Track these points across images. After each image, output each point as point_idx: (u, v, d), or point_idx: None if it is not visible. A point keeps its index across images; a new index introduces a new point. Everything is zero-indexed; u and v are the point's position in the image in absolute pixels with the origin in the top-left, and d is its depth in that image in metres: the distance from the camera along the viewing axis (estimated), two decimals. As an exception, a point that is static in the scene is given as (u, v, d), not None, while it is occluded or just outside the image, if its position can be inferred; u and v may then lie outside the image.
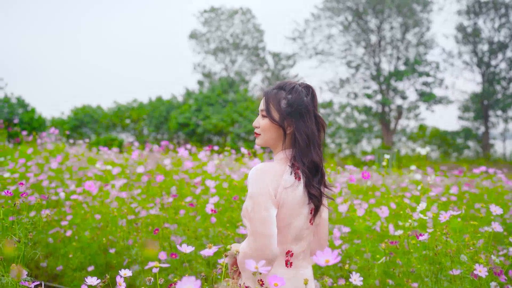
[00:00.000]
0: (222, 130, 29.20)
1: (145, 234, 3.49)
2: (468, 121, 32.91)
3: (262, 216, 1.65)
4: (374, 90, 32.86)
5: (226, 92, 31.61)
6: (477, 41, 31.17)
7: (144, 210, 3.76)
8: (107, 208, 3.96)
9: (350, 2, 32.25)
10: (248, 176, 1.73)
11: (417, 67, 31.16)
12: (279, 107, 1.78)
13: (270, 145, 1.86)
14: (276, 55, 36.60)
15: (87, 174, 5.03)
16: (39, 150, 6.32)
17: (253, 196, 1.68)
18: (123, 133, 36.15)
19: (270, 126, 1.80)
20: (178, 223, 3.61)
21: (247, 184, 1.72)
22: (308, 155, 1.76)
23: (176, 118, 30.15)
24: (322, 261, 1.32)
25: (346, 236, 3.47)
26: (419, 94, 31.68)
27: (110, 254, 3.70)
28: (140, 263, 3.39)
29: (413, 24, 31.37)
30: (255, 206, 1.67)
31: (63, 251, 3.86)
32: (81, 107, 35.65)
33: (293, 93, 1.79)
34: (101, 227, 3.99)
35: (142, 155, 5.20)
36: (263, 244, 1.64)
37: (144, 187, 4.64)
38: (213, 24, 36.90)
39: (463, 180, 6.53)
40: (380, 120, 32.52)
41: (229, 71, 37.20)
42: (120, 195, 4.11)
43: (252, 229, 1.67)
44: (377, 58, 33.00)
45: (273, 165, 1.76)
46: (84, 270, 3.76)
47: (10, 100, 32.73)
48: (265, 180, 1.69)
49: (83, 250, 3.84)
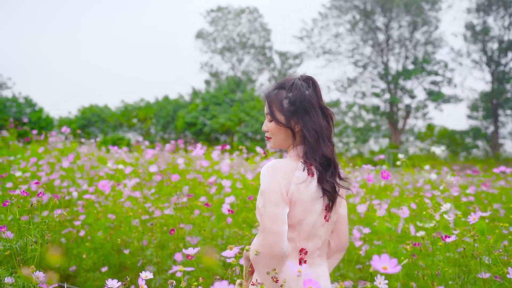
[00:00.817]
0: (229, 130, 29.17)
1: (160, 235, 3.43)
2: (477, 120, 32.64)
3: (272, 213, 1.63)
4: (382, 89, 32.67)
5: (233, 91, 31.58)
6: (486, 39, 30.89)
7: (158, 210, 3.70)
8: (120, 208, 3.90)
9: (357, 1, 32.09)
10: (261, 172, 1.71)
11: (425, 66, 30.95)
12: (282, 108, 1.76)
13: (282, 146, 1.83)
14: (283, 54, 36.52)
15: (98, 173, 4.98)
16: (49, 149, 6.29)
17: (264, 193, 1.66)
18: (130, 133, 36.23)
19: (278, 128, 1.78)
20: (193, 223, 3.54)
21: (260, 181, 1.70)
22: (318, 151, 1.73)
23: (184, 117, 30.16)
24: (380, 267, 1.25)
25: (365, 236, 3.39)
26: (428, 93, 31.46)
27: (124, 254, 3.64)
28: (155, 264, 3.33)
29: (422, 22, 31.16)
30: (266, 203, 1.65)
31: (76, 251, 3.81)
32: (89, 107, 35.78)
33: (294, 90, 1.76)
34: (114, 227, 3.93)
35: (154, 154, 5.13)
36: (273, 241, 1.62)
37: (155, 187, 4.58)
38: (220, 23, 36.89)
39: (478, 180, 6.42)
40: (388, 120, 32.34)
41: (236, 71, 37.17)
42: (133, 194, 4.05)
43: (262, 226, 1.65)
44: (385, 57, 32.82)
45: (285, 162, 1.73)
46: (97, 270, 3.71)
47: (18, 100, 32.92)
48: (277, 177, 1.67)
49: (97, 251, 3.79)
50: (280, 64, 36.84)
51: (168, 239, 3.49)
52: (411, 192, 4.94)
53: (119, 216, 3.89)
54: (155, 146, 7.18)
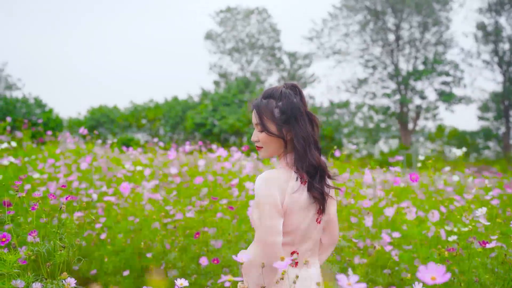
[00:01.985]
0: (239, 130, 29.10)
1: (184, 238, 3.37)
2: (487, 121, 32.31)
3: (268, 225, 1.66)
4: (393, 89, 32.44)
5: (242, 92, 31.52)
6: (498, 39, 30.57)
7: (180, 213, 3.63)
8: (141, 211, 3.84)
9: (368, 1, 31.92)
10: (255, 184, 1.72)
11: (436, 67, 30.70)
12: (274, 118, 1.77)
13: (273, 155, 1.85)
14: (292, 54, 36.39)
15: (116, 175, 4.93)
16: (63, 151, 6.25)
17: (259, 205, 1.68)
18: (139, 133, 36.28)
19: (269, 139, 1.79)
20: (217, 226, 3.47)
21: (255, 192, 1.72)
22: (306, 159, 1.75)
23: (193, 118, 30.13)
24: (428, 279, 1.17)
25: (395, 241, 3.30)
26: (439, 94, 31.19)
27: (146, 258, 3.58)
28: (179, 268, 3.26)
29: (433, 23, 30.92)
30: (262, 216, 1.67)
31: (97, 254, 3.75)
32: (98, 107, 35.88)
33: (283, 99, 1.77)
34: (133, 229, 3.87)
35: (176, 156, 5.06)
36: (269, 252, 1.65)
37: (174, 188, 4.51)
38: (229, 24, 36.83)
39: (497, 182, 6.29)
40: (399, 120, 32.12)
41: (245, 71, 37.10)
42: (154, 196, 3.99)
43: (258, 237, 1.67)
44: (395, 57, 32.60)
45: (279, 173, 1.74)
46: (118, 274, 3.65)
47: (28, 101, 33.08)
48: (271, 189, 1.69)
49: (117, 254, 3.73)
50: (290, 65, 36.73)
51: (190, 243, 3.42)
52: (434, 195, 4.84)
53: (139, 219, 3.83)
54: (171, 147, 7.13)
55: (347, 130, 32.66)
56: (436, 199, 3.91)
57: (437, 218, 3.16)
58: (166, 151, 8.28)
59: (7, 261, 1.89)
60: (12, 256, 1.89)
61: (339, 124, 31.44)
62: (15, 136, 7.76)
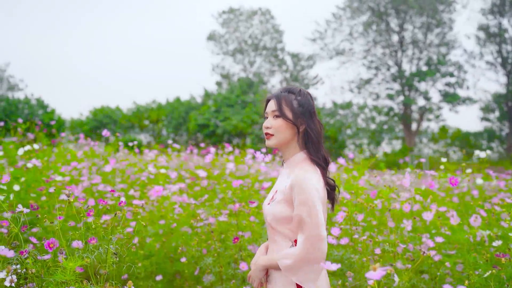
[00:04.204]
0: (242, 131, 29.03)
1: (220, 243, 3.31)
2: (490, 122, 32.26)
3: (320, 220, 1.74)
4: (397, 90, 32.37)
5: (245, 93, 31.44)
6: (502, 40, 30.52)
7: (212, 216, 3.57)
8: (172, 216, 3.78)
9: (371, 3, 31.88)
10: (297, 183, 1.78)
11: (440, 68, 30.66)
12: (292, 107, 1.89)
13: (283, 145, 1.93)
14: (295, 56, 36.33)
15: (140, 178, 4.87)
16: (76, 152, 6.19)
17: (309, 201, 1.75)
18: (141, 134, 36.20)
19: (284, 125, 1.89)
20: (252, 230, 3.42)
21: (296, 191, 1.78)
22: (320, 151, 1.91)
23: (196, 119, 30.06)
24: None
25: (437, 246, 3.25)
26: (443, 95, 31.14)
27: (179, 263, 3.53)
28: (216, 273, 3.20)
29: (436, 24, 30.88)
30: (312, 212, 1.74)
31: (128, 259, 3.69)
32: (100, 108, 35.78)
33: (302, 95, 1.93)
34: (163, 234, 3.82)
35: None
36: (321, 246, 1.73)
37: (203, 192, 4.46)
38: (232, 25, 36.77)
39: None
40: (402, 121, 32.06)
41: (248, 72, 37.03)
42: (182, 199, 3.94)
43: (308, 234, 1.73)
44: (399, 58, 32.56)
45: (314, 171, 1.85)
46: (151, 279, 3.60)
47: (30, 101, 33.00)
48: (317, 187, 1.79)
49: (148, 258, 3.67)
50: (292, 66, 36.66)
51: (226, 247, 3.37)
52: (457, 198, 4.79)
53: (168, 223, 3.78)
54: (187, 149, 7.08)
55: (350, 131, 32.57)
56: (470, 203, 3.86)
57: (479, 222, 3.11)
58: (180, 153, 8.23)
59: (67, 268, 1.83)
60: (72, 263, 1.83)
61: (342, 124, 31.37)
62: (27, 138, 7.70)
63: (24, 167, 5.05)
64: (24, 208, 2.33)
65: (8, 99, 32.62)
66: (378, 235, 3.19)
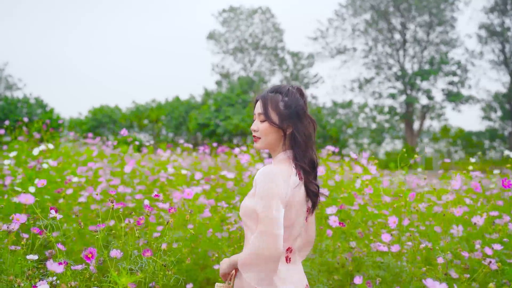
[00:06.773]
0: (243, 131, 28.84)
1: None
2: (492, 122, 32.15)
3: (274, 216, 1.67)
4: (399, 89, 32.20)
5: (245, 92, 31.24)
6: (504, 39, 30.38)
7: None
8: (200, 220, 3.58)
9: (373, 1, 31.71)
10: (257, 177, 1.74)
11: (443, 66, 30.50)
12: (278, 110, 1.82)
13: (270, 147, 1.88)
14: (295, 55, 36.13)
15: (160, 179, 4.65)
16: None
17: (265, 197, 1.68)
18: (141, 134, 35.99)
19: (270, 129, 1.83)
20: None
21: (255, 185, 1.73)
22: (307, 155, 1.83)
23: (196, 118, 29.84)
24: None
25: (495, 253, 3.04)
26: (446, 94, 30.99)
27: (210, 269, 3.32)
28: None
29: (438, 22, 30.73)
30: (267, 207, 1.67)
31: (158, 266, 3.48)
32: (99, 108, 35.54)
33: (289, 96, 1.84)
34: (189, 239, 3.61)
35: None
36: (273, 243, 1.65)
37: (221, 194, 4.25)
38: (232, 24, 36.54)
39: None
40: (405, 121, 31.90)
41: (248, 71, 36.82)
42: (209, 203, 3.73)
43: (261, 229, 1.67)
44: (401, 57, 32.42)
45: (281, 167, 1.79)
46: (180, 287, 3.39)
47: (29, 101, 32.71)
48: (277, 182, 1.71)
49: (178, 265, 3.46)
50: (293, 65, 36.47)
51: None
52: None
53: (196, 227, 3.57)
54: (198, 149, 6.87)
55: (351, 130, 32.38)
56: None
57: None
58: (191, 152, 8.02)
59: (119, 284, 1.62)
60: (125, 278, 1.62)
61: (344, 123, 31.18)
62: (32, 137, 7.47)
63: (37, 167, 4.84)
64: (56, 214, 2.12)
65: (6, 98, 32.31)
66: (429, 241, 2.98)
